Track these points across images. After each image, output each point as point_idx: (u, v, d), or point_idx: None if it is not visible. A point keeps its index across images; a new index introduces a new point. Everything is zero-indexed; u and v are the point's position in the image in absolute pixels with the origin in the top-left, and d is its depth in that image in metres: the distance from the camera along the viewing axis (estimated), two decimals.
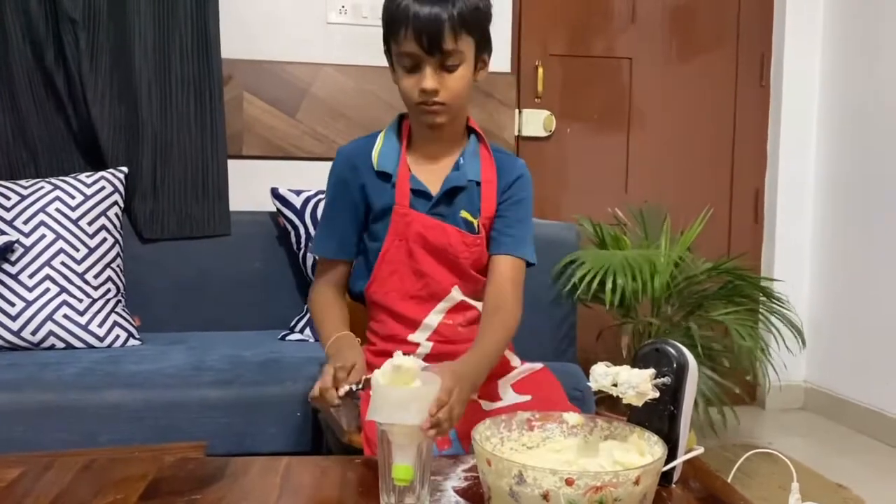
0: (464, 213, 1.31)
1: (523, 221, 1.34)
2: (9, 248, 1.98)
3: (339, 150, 1.37)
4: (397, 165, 1.30)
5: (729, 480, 1.00)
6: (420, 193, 1.30)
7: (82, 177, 2.16)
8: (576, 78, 2.96)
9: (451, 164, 1.32)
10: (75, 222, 2.08)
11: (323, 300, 1.34)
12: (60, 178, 2.16)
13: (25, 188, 2.10)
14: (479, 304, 1.33)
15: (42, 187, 2.11)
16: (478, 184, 1.32)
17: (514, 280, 1.30)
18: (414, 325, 1.31)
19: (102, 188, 2.15)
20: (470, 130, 1.36)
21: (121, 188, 2.20)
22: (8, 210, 2.05)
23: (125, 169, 2.25)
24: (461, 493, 0.93)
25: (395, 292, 1.31)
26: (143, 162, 2.31)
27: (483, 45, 1.26)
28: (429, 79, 1.21)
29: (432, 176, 1.31)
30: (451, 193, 1.31)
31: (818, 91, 3.08)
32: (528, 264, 1.34)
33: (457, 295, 1.31)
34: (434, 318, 1.31)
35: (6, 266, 1.99)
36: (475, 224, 1.31)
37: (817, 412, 3.06)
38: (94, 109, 2.27)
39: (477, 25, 1.23)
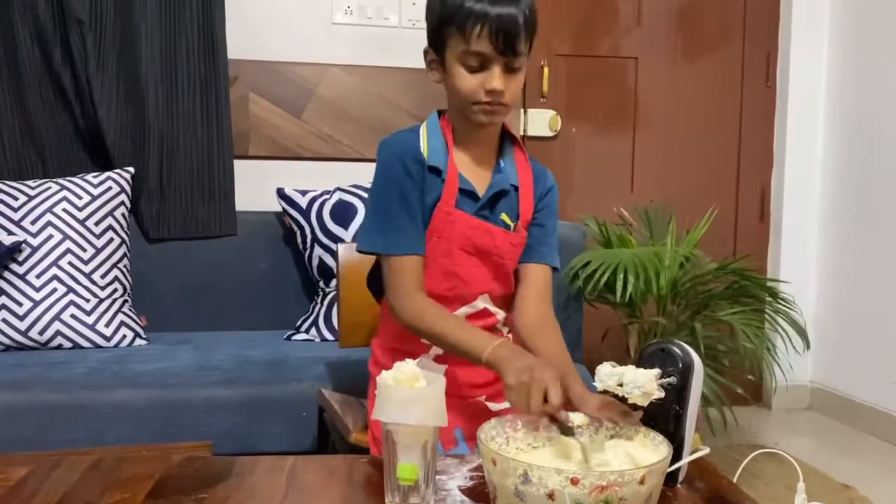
0: (504, 217, 1.31)
1: (555, 231, 1.38)
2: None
3: (386, 142, 1.28)
4: (446, 162, 1.27)
5: (734, 480, 1.00)
6: (468, 194, 1.28)
7: (89, 177, 2.17)
8: (581, 78, 2.96)
9: (491, 166, 1.32)
10: (82, 223, 2.09)
11: (436, 307, 1.22)
12: (67, 178, 2.17)
13: (33, 188, 2.11)
14: (498, 312, 1.32)
15: (49, 188, 2.12)
16: (516, 188, 1.32)
17: (546, 288, 1.34)
18: None
19: (109, 188, 2.16)
20: (503, 132, 1.35)
21: (127, 188, 2.21)
22: (15, 210, 2.06)
23: (132, 169, 2.26)
24: (466, 492, 0.93)
25: None
26: (150, 162, 2.33)
27: (531, 48, 1.26)
28: (498, 79, 1.19)
29: (477, 177, 1.30)
30: (495, 197, 1.30)
31: (824, 90, 3.07)
32: (554, 270, 1.38)
33: (481, 303, 1.30)
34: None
35: (14, 266, 2.00)
36: (513, 227, 1.31)
37: (823, 412, 3.05)
38: (101, 110, 2.28)
39: (536, 27, 1.23)
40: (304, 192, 2.30)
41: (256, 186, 2.46)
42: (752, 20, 3.07)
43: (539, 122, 2.90)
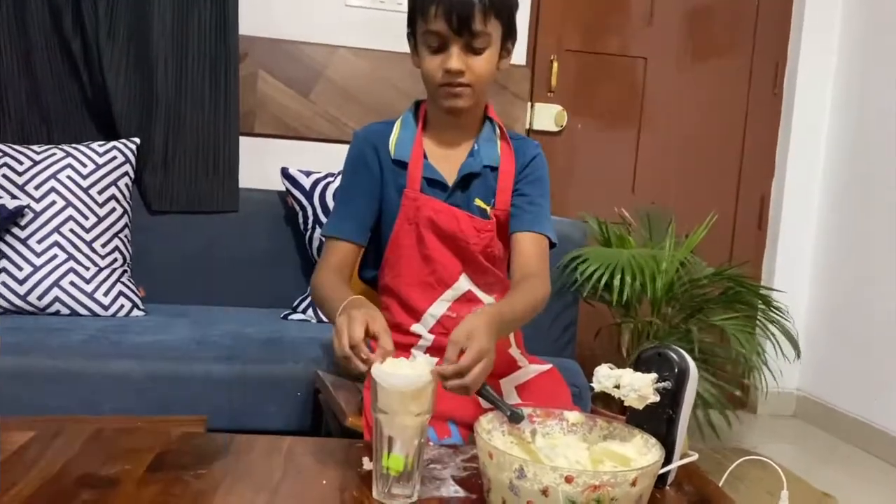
0: (477, 201, 1.31)
1: (543, 197, 1.34)
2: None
3: (356, 133, 1.36)
4: (412, 151, 1.30)
5: (720, 485, 1.02)
6: (435, 183, 1.30)
7: (95, 146, 2.17)
8: (590, 74, 2.97)
9: (466, 151, 1.32)
10: (86, 190, 2.09)
11: (329, 280, 1.24)
12: (73, 145, 2.16)
13: (38, 153, 2.11)
14: (486, 297, 1.33)
15: (54, 154, 2.12)
16: (493, 169, 1.32)
17: (539, 255, 1.29)
18: (418, 314, 1.31)
19: (114, 158, 2.16)
20: (486, 119, 1.36)
21: (132, 159, 2.21)
22: (20, 174, 2.06)
23: (137, 140, 2.25)
24: (460, 482, 0.95)
25: (404, 277, 1.31)
26: (156, 134, 2.32)
27: (509, 32, 1.26)
28: (455, 59, 1.20)
29: (448, 164, 1.31)
30: (466, 180, 1.31)
31: (830, 102, 3.08)
32: (551, 245, 1.33)
33: (464, 283, 1.31)
34: (439, 307, 1.31)
35: (16, 230, 2.00)
36: (487, 211, 1.31)
37: (808, 420, 3.08)
38: (109, 78, 2.27)
39: (505, 10, 1.23)
40: (308, 174, 2.31)
41: (259, 163, 2.46)
42: (763, 27, 3.07)
43: (545, 116, 2.90)
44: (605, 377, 0.96)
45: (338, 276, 1.27)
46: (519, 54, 2.74)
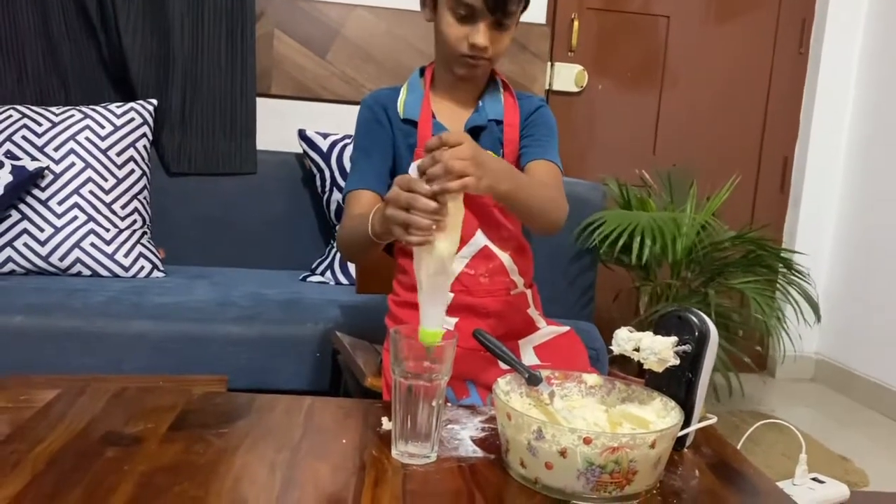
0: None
1: (549, 137, 1.33)
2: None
3: (364, 99, 1.37)
4: (421, 111, 1.31)
5: (738, 447, 1.02)
6: None
7: (112, 107, 2.17)
8: (611, 33, 2.91)
9: (473, 108, 1.34)
10: (104, 152, 2.10)
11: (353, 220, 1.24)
12: (91, 107, 2.17)
13: (57, 115, 2.12)
14: (502, 254, 1.33)
15: (73, 115, 2.12)
16: (498, 123, 1.33)
17: (553, 178, 1.28)
18: None
19: (132, 119, 2.16)
20: (491, 77, 1.36)
21: (150, 120, 2.21)
22: (39, 136, 2.07)
23: (154, 101, 2.25)
24: (478, 443, 0.96)
25: None
26: (173, 95, 2.32)
27: (526, 4, 1.26)
28: (482, 35, 1.21)
29: (455, 120, 1.32)
30: (472, 134, 1.31)
31: (857, 62, 3.01)
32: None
33: (481, 239, 1.31)
34: (457, 264, 1.30)
35: (36, 192, 2.02)
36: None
37: (826, 384, 3.08)
38: (126, 39, 2.26)
39: None
40: (325, 136, 2.30)
41: (276, 125, 2.46)
42: None
43: (565, 76, 2.86)
44: (625, 340, 0.95)
45: None
46: (539, 13, 2.69)
